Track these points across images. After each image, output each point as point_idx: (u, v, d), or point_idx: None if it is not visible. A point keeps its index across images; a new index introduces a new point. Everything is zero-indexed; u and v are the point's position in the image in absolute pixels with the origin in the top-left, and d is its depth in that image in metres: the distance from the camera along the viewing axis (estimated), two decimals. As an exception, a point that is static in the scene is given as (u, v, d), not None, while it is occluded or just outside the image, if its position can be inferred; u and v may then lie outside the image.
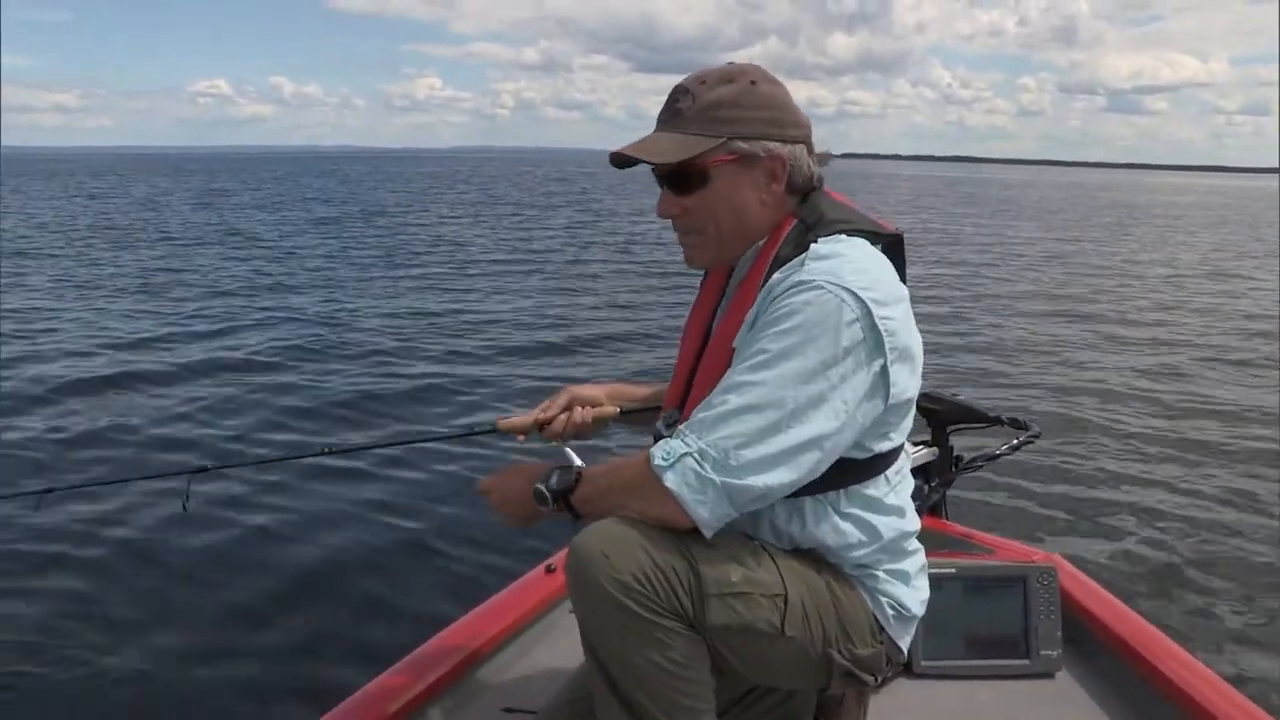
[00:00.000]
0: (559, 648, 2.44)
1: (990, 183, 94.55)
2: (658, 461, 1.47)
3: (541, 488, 1.63)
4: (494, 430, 2.03)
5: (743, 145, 1.61)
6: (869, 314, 1.49)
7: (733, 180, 1.63)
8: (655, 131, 1.67)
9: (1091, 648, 2.41)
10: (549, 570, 2.65)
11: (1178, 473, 6.16)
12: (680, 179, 1.64)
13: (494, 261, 17.31)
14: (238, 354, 8.73)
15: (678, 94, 1.65)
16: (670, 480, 1.46)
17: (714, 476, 1.45)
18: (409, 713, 2.08)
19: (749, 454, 1.45)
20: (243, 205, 34.04)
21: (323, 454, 2.26)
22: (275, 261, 15.91)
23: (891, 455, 1.65)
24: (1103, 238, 28.15)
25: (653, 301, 12.92)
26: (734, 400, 1.47)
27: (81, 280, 13.24)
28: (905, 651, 1.74)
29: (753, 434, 1.45)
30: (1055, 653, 2.34)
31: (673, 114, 1.64)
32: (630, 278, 15.67)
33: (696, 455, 1.45)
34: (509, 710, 2.18)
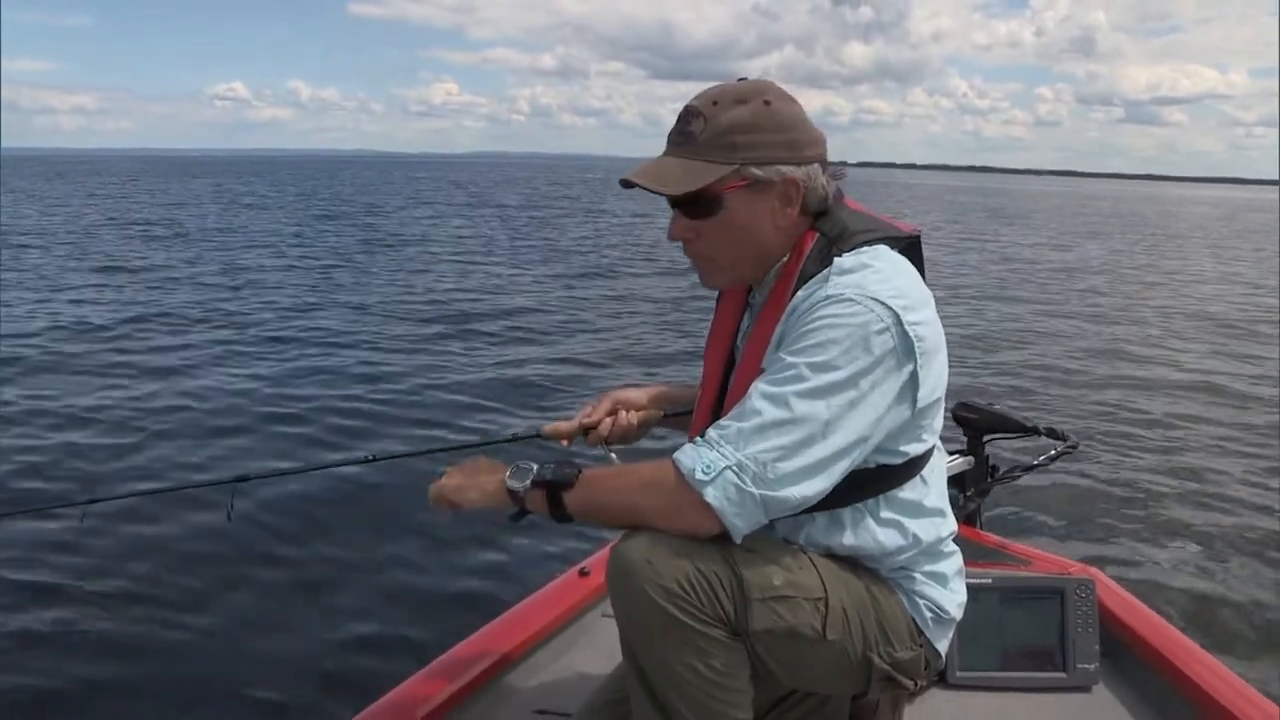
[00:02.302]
0: (592, 651, 2.44)
1: (1009, 193, 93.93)
2: (699, 475, 1.45)
3: (528, 464, 1.62)
4: (539, 436, 2.00)
5: (756, 171, 1.57)
6: (899, 321, 1.49)
7: (746, 206, 1.59)
8: (666, 155, 1.62)
9: (1129, 661, 2.39)
10: (583, 573, 2.65)
11: (1218, 485, 6.08)
12: (692, 205, 1.61)
13: (528, 268, 17.26)
14: (275, 364, 8.70)
15: (689, 116, 1.59)
16: (711, 495, 1.45)
17: (753, 490, 1.44)
18: (441, 715, 2.10)
19: (786, 466, 1.45)
20: (268, 207, 34.30)
21: (366, 461, 2.24)
22: (304, 272, 15.63)
23: (925, 456, 1.65)
24: (1134, 249, 27.90)
25: (680, 309, 12.88)
26: (770, 412, 1.46)
27: (110, 291, 13.09)
28: (943, 656, 1.73)
29: (790, 446, 1.45)
30: (1092, 666, 2.32)
31: (684, 137, 1.59)
32: (655, 282, 15.66)
33: (735, 469, 1.44)
34: (541, 713, 2.19)
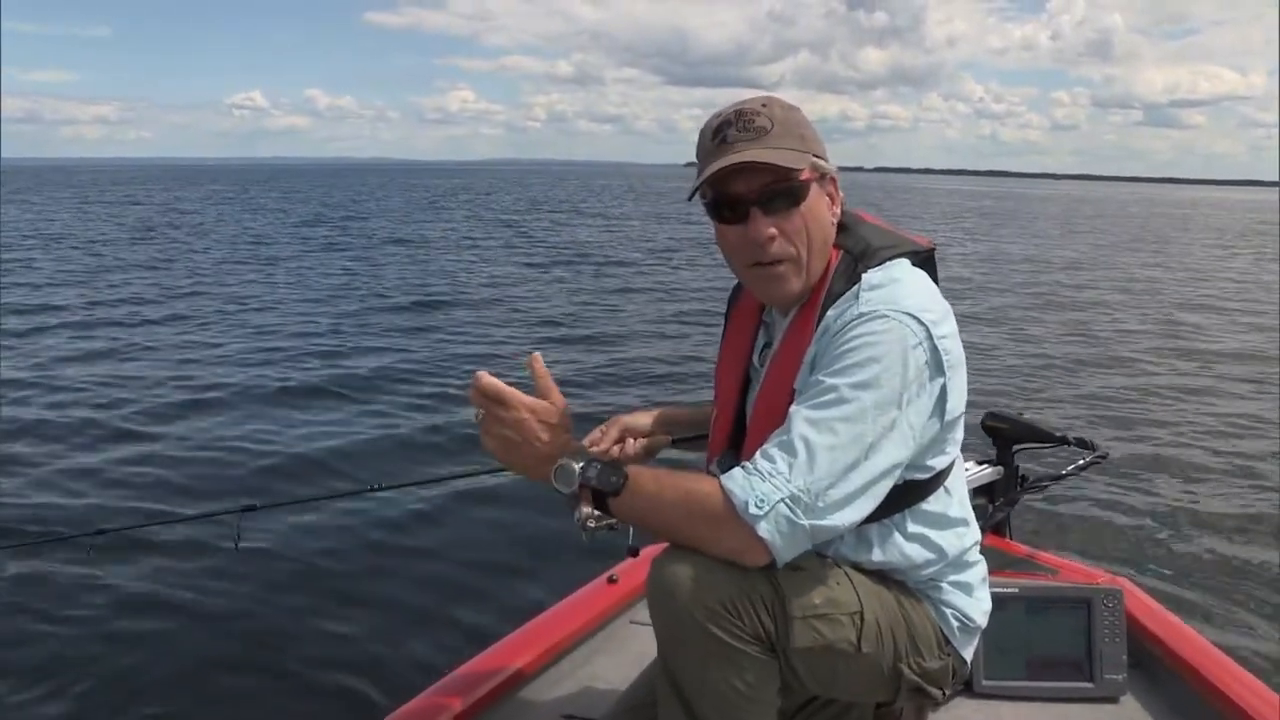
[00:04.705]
0: (619, 657, 2.46)
1: (1029, 198, 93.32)
2: (752, 510, 1.42)
3: (571, 468, 1.53)
4: None
5: (822, 163, 1.61)
6: (930, 336, 1.50)
7: (817, 198, 1.62)
8: (738, 151, 1.57)
9: (1158, 672, 2.38)
10: (611, 581, 2.67)
11: (1249, 494, 6.02)
12: (781, 196, 1.58)
13: (530, 287, 16.81)
14: (276, 391, 8.44)
15: (750, 115, 1.59)
16: (765, 530, 1.43)
17: (805, 521, 1.43)
18: (468, 719, 2.12)
19: (834, 494, 1.44)
20: (273, 217, 34.01)
21: (370, 490, 2.23)
22: (315, 296, 14.96)
23: (949, 468, 1.66)
24: (1158, 252, 27.65)
25: (682, 324, 12.70)
26: (817, 439, 1.44)
27: (118, 313, 12.66)
28: (969, 664, 1.74)
29: (838, 473, 1.44)
30: (1120, 676, 2.30)
31: (757, 132, 1.58)
32: (664, 293, 15.61)
33: (789, 501, 1.42)
34: (569, 718, 2.20)
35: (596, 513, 1.58)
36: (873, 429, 1.46)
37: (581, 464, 1.53)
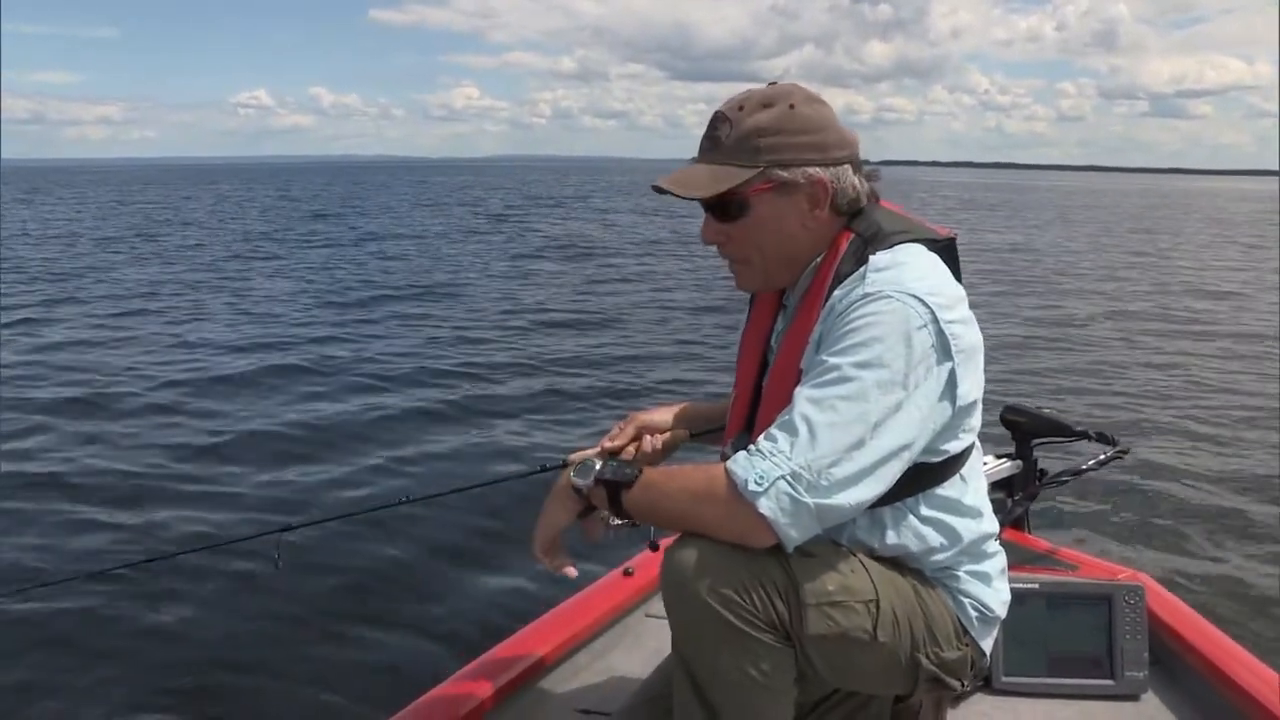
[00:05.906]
0: (635, 650, 2.46)
1: (1035, 189, 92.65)
2: (751, 487, 1.43)
3: (591, 461, 1.64)
4: (564, 466, 1.91)
5: (782, 173, 1.60)
6: (935, 319, 1.49)
7: (774, 208, 1.63)
8: (695, 162, 1.67)
9: (1179, 670, 2.35)
10: (627, 573, 2.67)
11: (1272, 490, 5.96)
12: (720, 208, 1.65)
13: (552, 280, 16.82)
14: (294, 413, 8.03)
15: (717, 122, 1.64)
16: (765, 506, 1.43)
17: (807, 499, 1.43)
18: (484, 712, 2.11)
19: (838, 472, 1.44)
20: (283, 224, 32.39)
21: (401, 503, 2.27)
22: (318, 294, 14.65)
23: (964, 455, 1.64)
24: (1178, 245, 27.41)
25: (704, 320, 12.49)
26: (818, 417, 1.45)
27: (139, 329, 11.83)
28: (988, 655, 1.73)
29: (841, 451, 1.44)
30: (1141, 674, 2.28)
31: (712, 143, 1.64)
32: (678, 290, 15.47)
33: (789, 478, 1.43)
34: (584, 712, 2.20)
35: (614, 519, 1.64)
36: (876, 408, 1.45)
37: (599, 462, 1.64)
